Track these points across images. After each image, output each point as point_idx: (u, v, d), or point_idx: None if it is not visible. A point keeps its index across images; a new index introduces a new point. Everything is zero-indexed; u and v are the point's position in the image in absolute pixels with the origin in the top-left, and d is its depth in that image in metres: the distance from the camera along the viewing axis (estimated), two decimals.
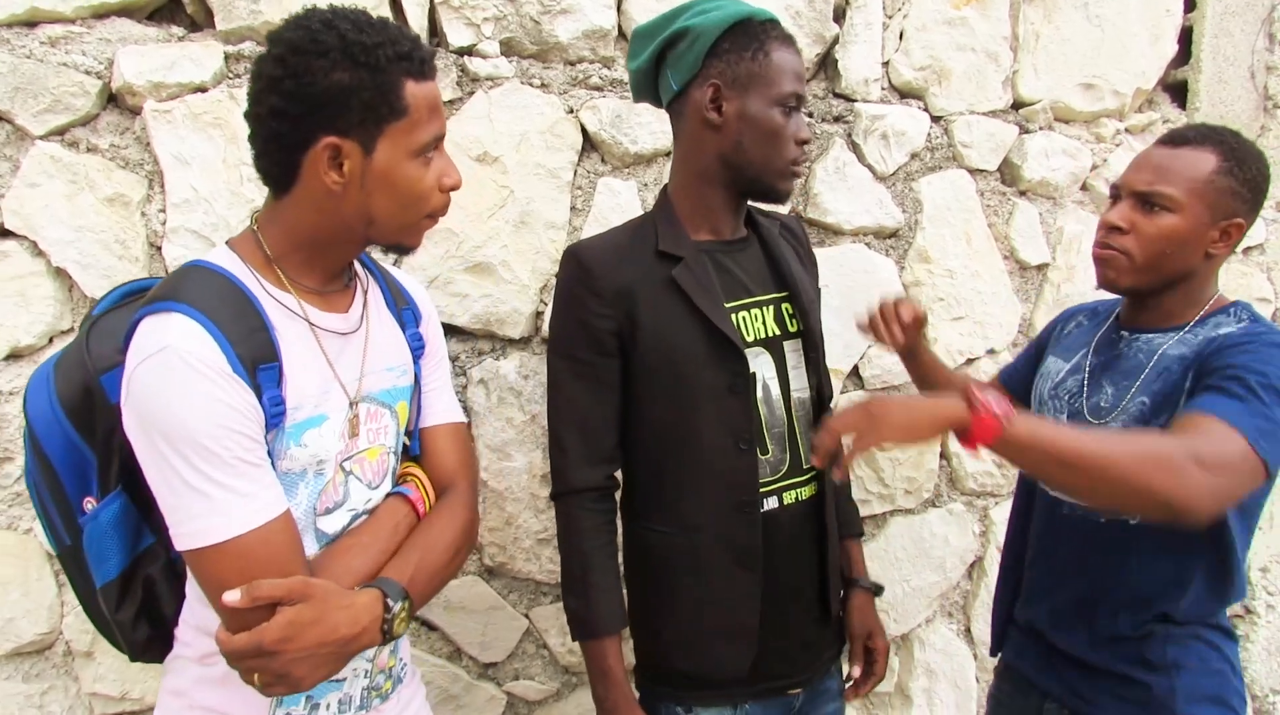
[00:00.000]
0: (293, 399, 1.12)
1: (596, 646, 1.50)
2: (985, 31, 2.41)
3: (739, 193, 1.54)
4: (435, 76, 1.15)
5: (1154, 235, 1.47)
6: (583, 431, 1.51)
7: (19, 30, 1.68)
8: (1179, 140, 1.50)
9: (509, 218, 2.00)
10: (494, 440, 2.06)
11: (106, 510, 1.15)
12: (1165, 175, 1.47)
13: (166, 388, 1.01)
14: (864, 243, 2.38)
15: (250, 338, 1.07)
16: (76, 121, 1.71)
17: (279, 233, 1.16)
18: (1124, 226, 1.50)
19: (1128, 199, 1.52)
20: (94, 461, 1.15)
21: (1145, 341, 1.54)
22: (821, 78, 2.32)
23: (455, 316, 1.99)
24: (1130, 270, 1.50)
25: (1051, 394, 1.66)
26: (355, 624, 1.08)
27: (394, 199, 1.13)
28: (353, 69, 1.05)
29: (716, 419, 1.48)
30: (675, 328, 1.46)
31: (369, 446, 1.24)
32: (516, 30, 1.98)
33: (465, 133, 1.95)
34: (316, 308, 1.18)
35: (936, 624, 2.63)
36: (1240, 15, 2.72)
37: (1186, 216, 1.45)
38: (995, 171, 2.52)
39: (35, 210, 1.69)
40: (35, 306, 1.71)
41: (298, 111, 1.07)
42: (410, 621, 1.18)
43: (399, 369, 1.30)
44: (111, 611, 1.19)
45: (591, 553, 1.51)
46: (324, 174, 1.09)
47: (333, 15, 1.09)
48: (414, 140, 1.11)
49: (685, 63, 1.47)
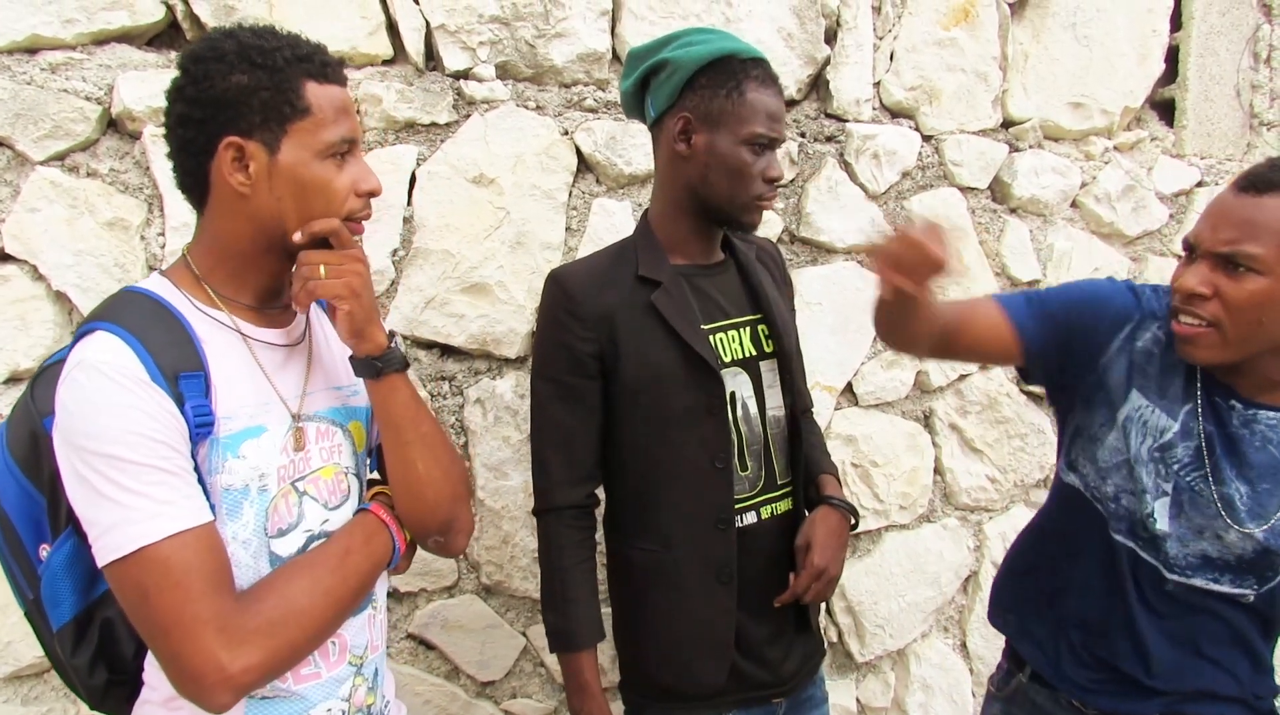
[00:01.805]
0: (224, 409, 1.10)
1: (574, 660, 1.54)
2: (975, 52, 2.45)
3: (709, 221, 1.58)
4: (342, 83, 1.16)
5: (1243, 302, 1.27)
6: (564, 451, 1.56)
7: (20, 57, 1.69)
8: (1263, 185, 1.27)
9: (505, 238, 2.02)
10: (491, 459, 2.07)
11: (58, 553, 1.12)
12: (1251, 232, 1.25)
13: (82, 399, 1.00)
14: (857, 261, 2.40)
15: (172, 348, 1.07)
16: (77, 147, 1.73)
17: (203, 249, 1.17)
18: (1206, 292, 1.29)
19: (1205, 259, 1.31)
20: (44, 504, 1.13)
21: (1268, 425, 1.37)
22: (814, 98, 2.35)
23: (452, 336, 2.01)
24: (1221, 344, 1.31)
25: (1156, 457, 1.42)
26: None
27: (303, 198, 1.12)
28: (250, 70, 1.07)
29: (693, 439, 1.52)
30: (654, 350, 1.50)
31: (323, 465, 1.22)
32: (512, 54, 2.00)
33: (462, 155, 1.97)
34: (251, 323, 1.18)
35: (932, 639, 2.65)
36: (1225, 35, 2.76)
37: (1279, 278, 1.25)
38: (986, 189, 2.55)
39: (35, 235, 1.70)
40: (35, 330, 1.72)
41: (200, 116, 1.08)
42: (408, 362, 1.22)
43: (349, 389, 1.29)
44: (67, 655, 1.15)
45: (570, 569, 1.54)
46: (229, 175, 1.09)
47: (234, 28, 1.12)
48: (319, 140, 1.11)
49: (663, 93, 1.51)
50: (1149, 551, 1.45)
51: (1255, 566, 1.39)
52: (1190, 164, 2.79)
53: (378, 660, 1.30)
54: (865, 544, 2.52)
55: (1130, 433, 1.44)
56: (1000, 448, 2.64)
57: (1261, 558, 1.38)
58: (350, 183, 1.15)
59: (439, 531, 1.28)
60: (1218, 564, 1.40)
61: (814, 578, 1.55)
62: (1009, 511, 2.68)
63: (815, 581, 1.55)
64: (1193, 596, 1.43)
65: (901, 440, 2.50)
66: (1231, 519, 1.37)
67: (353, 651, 1.23)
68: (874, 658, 2.55)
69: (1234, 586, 1.40)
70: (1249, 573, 1.40)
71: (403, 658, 2.09)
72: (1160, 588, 1.45)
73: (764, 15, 2.20)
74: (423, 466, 1.23)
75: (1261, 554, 1.37)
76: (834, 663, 2.55)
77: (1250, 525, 1.36)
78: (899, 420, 2.51)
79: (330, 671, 1.20)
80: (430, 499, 1.24)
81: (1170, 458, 1.41)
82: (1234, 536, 1.38)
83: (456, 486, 1.28)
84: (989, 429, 2.62)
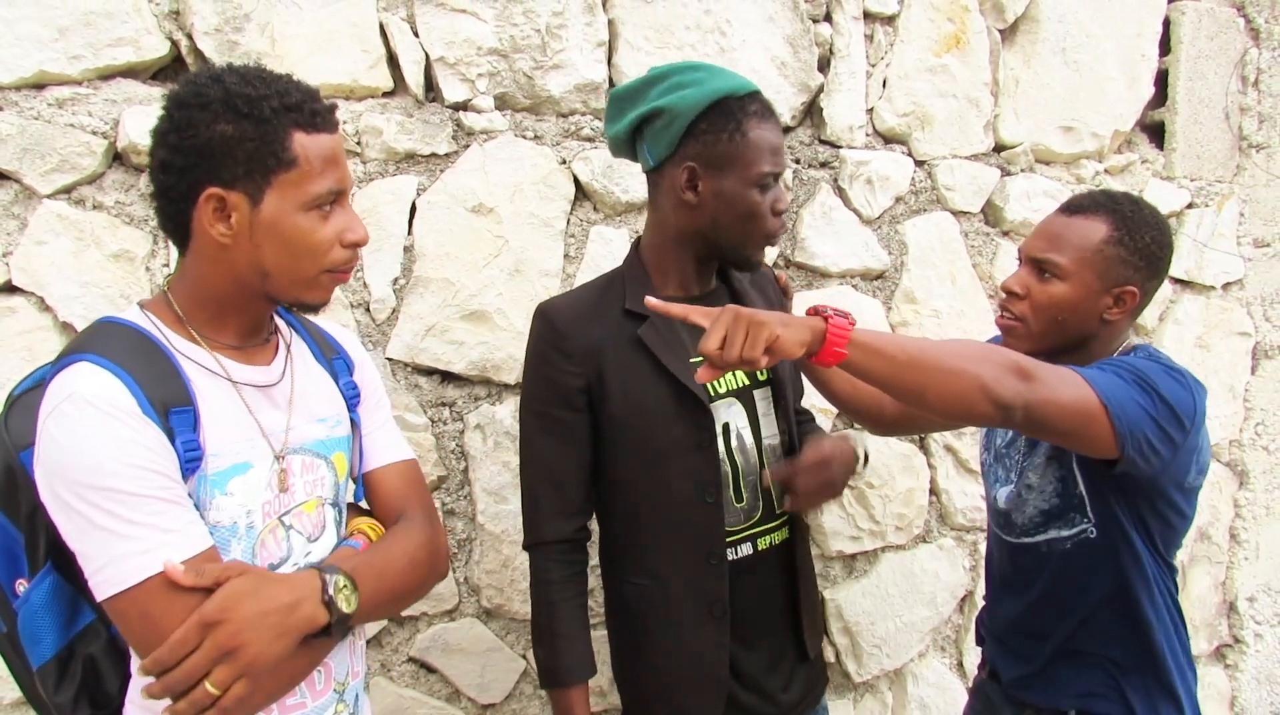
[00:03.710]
0: (212, 446, 1.09)
1: (563, 696, 1.53)
2: (966, 78, 2.48)
3: (712, 258, 1.57)
4: (334, 130, 1.13)
5: (1044, 302, 1.54)
6: (553, 485, 1.55)
7: (27, 93, 1.72)
8: (1074, 209, 1.57)
9: (504, 266, 2.05)
10: (491, 484, 2.10)
11: (37, 590, 1.11)
12: (1057, 243, 1.54)
13: (74, 432, 0.99)
14: (851, 285, 2.43)
15: (161, 382, 1.06)
16: (83, 180, 1.76)
17: (185, 290, 1.15)
18: (1019, 292, 1.57)
19: (1025, 264, 1.59)
20: (21, 540, 1.12)
21: None
22: (807, 125, 2.38)
23: (452, 363, 2.04)
24: (1026, 336, 1.57)
25: (1002, 453, 1.75)
26: (293, 592, 1.07)
27: (285, 251, 1.10)
28: (236, 120, 1.05)
29: (683, 473, 1.52)
30: (642, 385, 1.50)
31: (306, 499, 1.22)
32: (510, 85, 2.04)
33: (461, 184, 2.01)
34: (233, 361, 1.17)
35: (929, 658, 2.66)
36: (1214, 59, 2.80)
37: (1075, 284, 1.52)
38: (978, 213, 2.58)
39: (42, 267, 1.73)
40: (42, 361, 1.71)
41: (182, 164, 1.07)
42: (355, 600, 1.13)
43: (331, 420, 1.28)
44: (50, 694, 1.13)
45: (559, 604, 1.54)
46: (210, 226, 1.08)
47: (224, 71, 1.09)
48: (305, 192, 1.09)
49: (662, 142, 1.48)
50: (1006, 531, 1.71)
51: (1076, 502, 1.59)
52: (1180, 186, 2.83)
53: (358, 686, 1.31)
54: (862, 565, 2.54)
55: (987, 439, 1.82)
56: None
57: (1067, 482, 1.59)
58: (335, 234, 1.14)
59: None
60: (1053, 512, 1.61)
61: (816, 464, 1.50)
62: None
63: (815, 472, 1.50)
64: (1047, 555, 1.64)
65: (897, 462, 2.52)
66: (1028, 460, 1.65)
67: (336, 679, 1.24)
68: (871, 678, 2.57)
69: (1072, 527, 1.60)
70: (1074, 510, 1.59)
71: (404, 681, 2.10)
72: (1021, 559, 1.68)
73: (758, 44, 2.23)
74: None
75: (1063, 476, 1.59)
76: (831, 683, 2.57)
77: (1033, 453, 1.64)
78: (894, 442, 2.53)
79: (315, 701, 1.21)
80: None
81: (1003, 444, 1.74)
82: (1033, 476, 1.62)
83: (436, 579, 1.35)
84: None
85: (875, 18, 2.39)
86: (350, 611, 1.12)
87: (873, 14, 2.37)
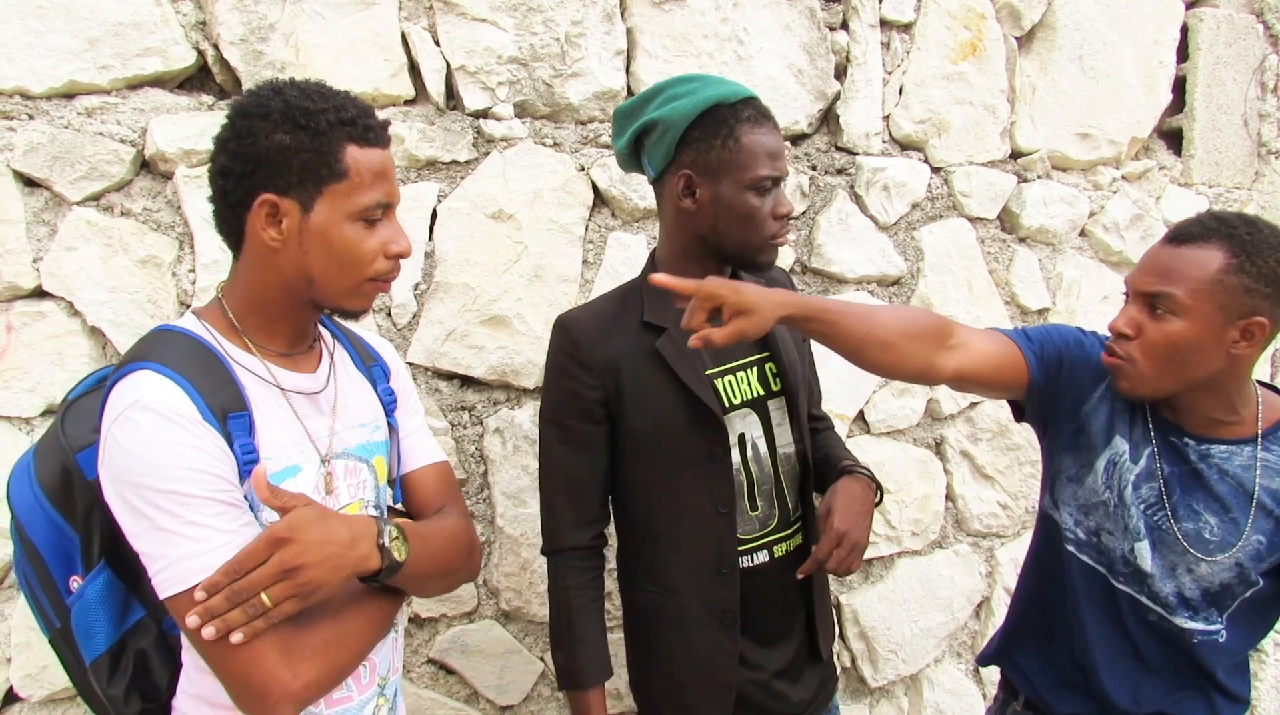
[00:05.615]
0: (264, 450, 1.14)
1: (580, 698, 1.57)
2: (983, 85, 2.49)
3: (723, 263, 1.58)
4: (385, 145, 1.17)
5: (1159, 341, 1.39)
6: (571, 494, 1.58)
7: (58, 102, 1.76)
8: (1183, 238, 1.40)
9: (523, 272, 2.08)
10: (510, 487, 2.12)
11: (91, 585, 1.15)
12: (1169, 276, 1.38)
13: (139, 438, 1.03)
14: (868, 291, 2.44)
15: (218, 389, 1.10)
16: (111, 187, 1.79)
17: (238, 295, 1.20)
18: (1129, 332, 1.42)
19: (1134, 301, 1.44)
20: (77, 540, 1.16)
21: (1221, 458, 1.46)
22: (824, 132, 2.40)
23: (472, 367, 2.06)
24: (1141, 379, 1.43)
25: (1133, 500, 1.51)
26: (352, 530, 1.11)
27: (331, 258, 1.15)
28: (293, 131, 1.10)
29: (697, 484, 1.54)
30: (659, 397, 1.52)
31: (350, 501, 1.26)
32: (530, 93, 2.06)
33: (481, 191, 2.03)
34: (283, 368, 1.21)
35: (945, 664, 2.67)
36: (1232, 65, 2.80)
37: (1194, 319, 1.36)
38: (995, 219, 2.58)
39: (72, 272, 1.76)
40: (71, 365, 1.78)
41: (240, 170, 1.12)
42: (406, 551, 1.18)
43: (371, 424, 1.33)
44: (103, 687, 1.18)
45: (577, 608, 1.57)
46: (262, 230, 1.13)
47: (285, 84, 1.14)
48: (354, 203, 1.13)
49: (659, 153, 1.50)
50: (1133, 586, 1.52)
51: (1219, 599, 1.46)
52: (1198, 193, 2.83)
53: (397, 682, 1.36)
54: (878, 570, 2.55)
55: (1111, 475, 1.53)
56: (1011, 474, 2.67)
57: (1231, 586, 1.45)
58: (379, 245, 1.17)
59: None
60: (1191, 603, 1.47)
61: (834, 543, 1.48)
62: (1020, 537, 2.70)
63: (837, 548, 1.49)
64: (1172, 632, 1.49)
65: (913, 467, 2.53)
66: (1202, 552, 1.45)
67: (380, 674, 1.29)
68: (887, 683, 2.57)
69: (1205, 624, 1.47)
70: (1212, 606, 1.46)
71: (424, 682, 2.13)
72: (1145, 619, 1.51)
73: (775, 53, 2.25)
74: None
75: (1232, 582, 1.45)
76: (847, 688, 2.57)
77: (1220, 555, 1.44)
78: (910, 447, 2.54)
79: (361, 694, 1.25)
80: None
81: (1138, 498, 1.50)
82: (1205, 569, 1.45)
83: (471, 570, 1.40)
84: (1000, 456, 2.64)
85: (892, 25, 2.40)
86: (401, 560, 1.16)
87: (889, 22, 2.39)
